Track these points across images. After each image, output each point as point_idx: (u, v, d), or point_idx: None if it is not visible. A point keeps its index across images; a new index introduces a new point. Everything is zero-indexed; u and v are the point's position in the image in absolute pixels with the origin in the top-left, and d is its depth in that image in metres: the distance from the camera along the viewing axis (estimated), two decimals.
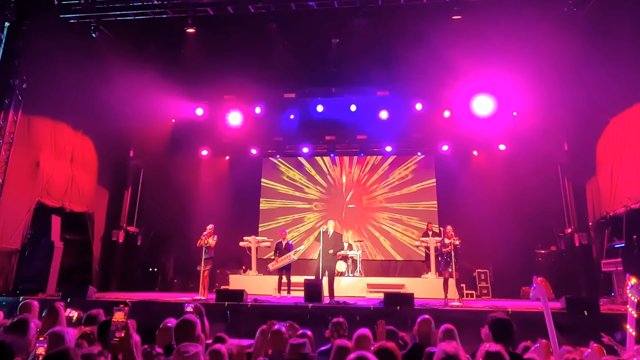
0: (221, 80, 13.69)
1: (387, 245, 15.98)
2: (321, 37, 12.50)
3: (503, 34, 11.17)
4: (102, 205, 14.00)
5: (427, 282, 12.62)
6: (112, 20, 11.88)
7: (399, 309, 8.57)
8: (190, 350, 2.91)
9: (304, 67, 13.23)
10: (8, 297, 9.69)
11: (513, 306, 9.11)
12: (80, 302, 8.28)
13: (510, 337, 3.97)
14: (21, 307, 5.46)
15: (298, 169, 17.32)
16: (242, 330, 8.38)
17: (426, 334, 4.73)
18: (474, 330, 5.52)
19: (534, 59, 11.75)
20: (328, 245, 10.79)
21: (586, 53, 11.00)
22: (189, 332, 3.61)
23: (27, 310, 5.31)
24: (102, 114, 13.26)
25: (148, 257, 15.55)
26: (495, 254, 13.83)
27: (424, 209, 16.05)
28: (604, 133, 11.45)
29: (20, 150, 10.88)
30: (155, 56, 12.76)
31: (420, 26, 11.48)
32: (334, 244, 10.90)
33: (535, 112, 13.44)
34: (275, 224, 16.51)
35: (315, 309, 8.90)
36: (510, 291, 12.97)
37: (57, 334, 3.46)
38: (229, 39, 12.46)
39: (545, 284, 4.93)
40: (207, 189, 16.47)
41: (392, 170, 16.77)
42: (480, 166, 15.33)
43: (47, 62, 11.55)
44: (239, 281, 13.01)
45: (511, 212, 14.23)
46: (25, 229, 10.94)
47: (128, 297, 10.12)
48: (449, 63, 11.79)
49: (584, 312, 8.02)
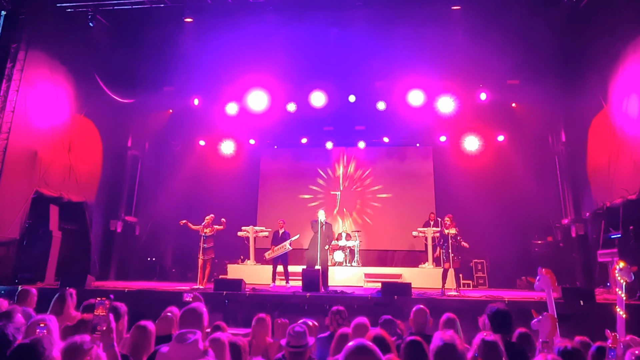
0: (219, 70, 13.63)
1: (384, 235, 16.02)
2: (320, 26, 12.43)
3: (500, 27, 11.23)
4: (100, 195, 13.97)
5: (424, 272, 12.68)
6: (109, 9, 11.80)
7: (396, 299, 8.62)
8: (189, 337, 2.85)
9: (302, 58, 13.17)
10: (7, 286, 9.71)
11: (509, 296, 9.19)
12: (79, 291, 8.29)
13: (509, 327, 4.02)
14: (19, 294, 5.46)
15: (296, 159, 17.32)
16: (240, 319, 8.44)
17: (422, 323, 4.76)
18: (471, 320, 5.58)
19: (532, 49, 11.77)
20: (323, 235, 10.85)
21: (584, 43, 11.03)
22: (195, 322, 3.52)
23: (25, 298, 5.32)
24: (99, 103, 13.23)
25: (146, 247, 15.57)
26: (492, 245, 13.89)
27: (422, 200, 16.08)
28: (601, 124, 11.47)
29: (17, 140, 10.85)
30: (152, 46, 12.71)
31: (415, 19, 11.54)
32: (327, 235, 11.01)
33: (533, 103, 13.44)
34: (273, 214, 16.52)
35: (312, 299, 8.94)
36: (507, 281, 13.08)
37: None
38: (226, 28, 12.39)
39: (551, 275, 5.01)
40: (206, 179, 16.51)
41: (390, 160, 16.79)
42: (478, 157, 15.34)
43: (44, 51, 11.49)
44: (237, 271, 13.07)
45: (508, 203, 14.31)
46: (24, 219, 10.93)
47: (126, 287, 10.16)
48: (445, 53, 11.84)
49: (579, 302, 8.08)
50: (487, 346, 3.04)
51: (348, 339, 3.56)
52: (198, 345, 2.85)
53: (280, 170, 17.28)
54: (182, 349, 2.82)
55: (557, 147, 14.02)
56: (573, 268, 12.70)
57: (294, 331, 3.61)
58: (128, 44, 12.98)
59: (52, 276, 11.06)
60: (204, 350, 2.90)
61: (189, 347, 2.82)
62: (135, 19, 12.26)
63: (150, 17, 12.15)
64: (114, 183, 14.69)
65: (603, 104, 11.17)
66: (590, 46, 11.54)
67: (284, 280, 11.64)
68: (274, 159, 17.48)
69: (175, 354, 2.85)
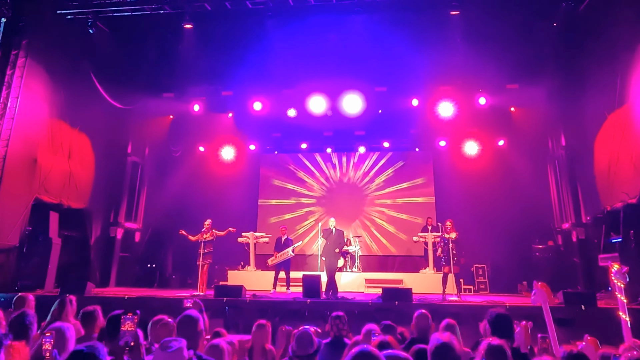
0: (219, 76, 13.66)
1: (385, 240, 16.00)
2: (319, 33, 12.47)
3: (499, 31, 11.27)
4: (100, 202, 13.96)
5: (425, 277, 12.64)
6: (109, 16, 11.85)
7: (397, 304, 8.59)
8: (173, 345, 2.84)
9: (302, 63, 13.20)
10: (6, 294, 9.68)
11: (510, 301, 9.16)
12: (79, 298, 8.27)
13: (509, 332, 4.00)
14: (16, 300, 5.43)
15: (296, 164, 17.32)
16: (240, 325, 8.40)
17: (424, 328, 4.74)
18: (472, 325, 5.55)
19: (531, 53, 11.80)
20: (333, 242, 10.86)
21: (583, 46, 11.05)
22: (192, 328, 3.53)
23: (23, 304, 5.29)
24: (99, 110, 13.24)
25: (146, 254, 15.53)
26: (492, 249, 13.85)
27: (422, 204, 16.06)
28: (601, 128, 11.45)
29: (17, 147, 10.85)
30: (152, 52, 12.74)
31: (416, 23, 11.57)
32: (338, 241, 11.00)
33: (532, 107, 13.46)
34: (273, 220, 16.53)
35: (313, 305, 8.92)
36: (508, 286, 13.02)
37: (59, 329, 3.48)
38: (226, 34, 12.45)
39: (546, 288, 4.99)
40: (205, 185, 16.48)
41: (390, 165, 16.77)
42: (478, 161, 15.32)
43: (44, 57, 11.51)
44: (238, 277, 13.04)
45: (508, 207, 14.27)
46: (23, 226, 10.91)
47: (126, 294, 10.14)
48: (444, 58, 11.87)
49: (581, 307, 8.06)
50: (494, 351, 3.02)
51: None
52: (182, 353, 2.85)
53: (281, 175, 17.26)
54: (166, 356, 2.81)
55: (557, 151, 14.00)
56: (574, 272, 12.65)
57: (301, 339, 3.57)
58: (128, 51, 13.03)
59: (52, 283, 11.03)
60: (189, 358, 2.89)
61: (172, 355, 2.81)
62: (135, 25, 12.31)
63: (149, 24, 12.20)
64: (114, 189, 14.68)
65: (603, 109, 11.16)
66: (590, 50, 11.57)
67: (284, 287, 11.60)
68: (274, 164, 17.47)
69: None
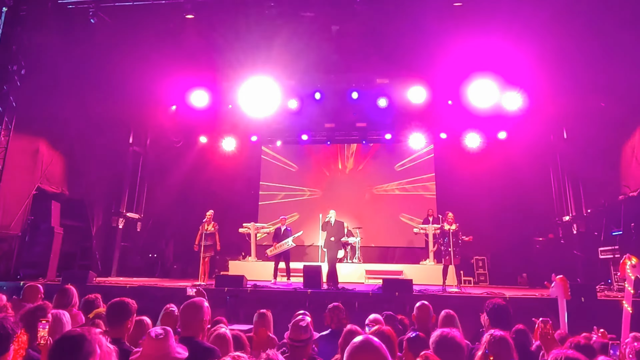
0: (221, 66, 13.61)
1: (385, 232, 16.03)
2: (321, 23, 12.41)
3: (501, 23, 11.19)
4: (101, 192, 13.98)
5: (425, 268, 12.70)
6: (110, 5, 11.79)
7: (398, 295, 8.63)
8: (161, 333, 2.95)
9: (304, 54, 13.14)
10: (9, 282, 9.75)
11: (510, 293, 9.20)
12: (81, 287, 8.33)
13: (508, 323, 4.03)
14: (25, 290, 5.45)
15: (297, 156, 17.33)
16: (241, 315, 8.46)
17: (425, 319, 4.77)
18: (472, 317, 5.58)
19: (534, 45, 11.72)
20: (332, 234, 10.90)
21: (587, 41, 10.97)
22: (196, 316, 3.51)
23: (33, 294, 5.32)
24: (101, 100, 13.20)
25: (148, 243, 15.60)
26: (493, 241, 13.91)
27: (423, 197, 16.09)
28: (603, 121, 11.43)
29: (19, 137, 10.86)
30: (154, 42, 12.69)
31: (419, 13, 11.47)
32: (338, 232, 11.05)
33: (534, 100, 13.41)
34: (274, 211, 16.56)
35: (314, 295, 8.96)
36: (508, 278, 13.08)
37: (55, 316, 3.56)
38: (228, 24, 12.37)
39: (564, 283, 5.04)
40: (207, 176, 16.49)
41: (391, 157, 16.78)
42: (479, 154, 15.30)
43: (45, 48, 11.48)
44: (239, 267, 13.10)
45: (509, 200, 14.31)
46: (25, 215, 10.97)
47: (128, 283, 10.19)
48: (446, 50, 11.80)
49: (581, 299, 8.09)
50: (498, 342, 3.03)
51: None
52: (169, 340, 2.97)
53: (281, 166, 17.27)
54: (156, 343, 2.95)
55: (559, 144, 13.98)
56: (574, 265, 12.68)
57: (296, 325, 3.61)
58: (129, 40, 12.95)
59: (54, 272, 11.09)
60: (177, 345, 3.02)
61: (161, 342, 2.94)
62: (137, 15, 12.23)
63: (151, 13, 12.12)
64: (116, 179, 14.70)
65: (605, 103, 11.14)
66: (590, 43, 11.49)
67: (285, 277, 11.65)
68: (275, 155, 17.46)
69: (149, 348, 2.96)
